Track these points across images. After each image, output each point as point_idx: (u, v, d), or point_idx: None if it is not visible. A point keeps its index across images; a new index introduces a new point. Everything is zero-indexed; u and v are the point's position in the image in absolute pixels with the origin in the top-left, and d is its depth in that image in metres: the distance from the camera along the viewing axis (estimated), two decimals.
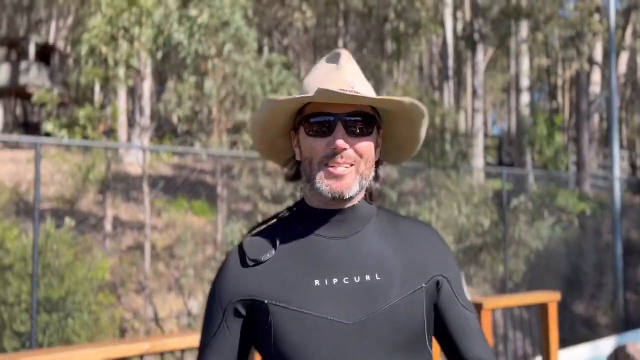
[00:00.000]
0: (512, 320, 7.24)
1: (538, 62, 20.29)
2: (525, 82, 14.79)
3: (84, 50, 7.85)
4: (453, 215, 7.66)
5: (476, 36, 13.60)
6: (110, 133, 10.00)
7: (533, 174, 11.80)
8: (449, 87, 14.92)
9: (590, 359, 7.78)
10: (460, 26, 16.25)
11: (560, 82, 26.23)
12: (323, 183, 1.01)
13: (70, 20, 26.13)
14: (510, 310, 6.71)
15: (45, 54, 22.27)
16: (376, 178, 1.13)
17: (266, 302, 1.00)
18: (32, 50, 21.44)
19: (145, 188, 7.80)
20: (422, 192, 8.34)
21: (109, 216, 9.02)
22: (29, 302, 5.40)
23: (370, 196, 1.14)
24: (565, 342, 7.80)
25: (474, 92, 14.04)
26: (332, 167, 1.00)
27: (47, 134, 9.65)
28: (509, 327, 7.21)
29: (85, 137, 8.57)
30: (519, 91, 15.28)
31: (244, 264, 1.05)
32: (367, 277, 1.01)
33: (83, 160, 10.09)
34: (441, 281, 1.08)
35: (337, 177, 1.00)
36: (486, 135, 17.61)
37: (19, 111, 27.12)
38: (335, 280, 1.00)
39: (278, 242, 1.06)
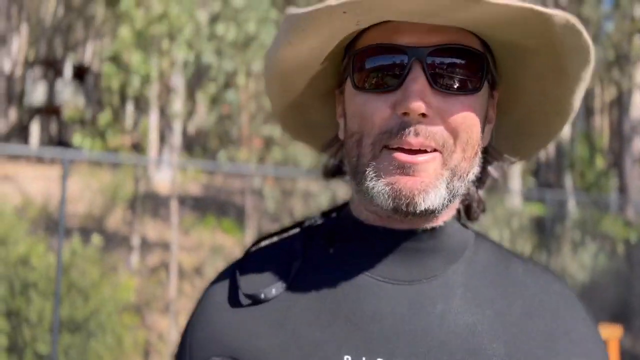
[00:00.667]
0: None
1: None
2: None
3: (106, 54, 7.84)
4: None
5: None
6: (139, 148, 9.99)
7: (574, 197, 11.34)
8: None
9: None
10: None
11: (598, 104, 25.62)
12: (380, 180, 0.56)
13: (105, 42, 26.81)
14: None
15: (80, 74, 22.90)
16: (480, 180, 0.66)
17: None
18: (68, 70, 22.04)
19: (173, 205, 7.66)
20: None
21: (135, 234, 8.92)
22: (51, 321, 5.23)
23: (467, 212, 0.68)
24: None
25: None
26: (397, 150, 0.56)
27: (76, 148, 9.71)
28: None
29: (114, 150, 8.54)
30: None
31: (232, 301, 0.64)
32: None
33: (112, 177, 10.07)
34: None
35: (406, 167, 0.55)
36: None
37: (53, 129, 27.79)
38: None
39: (294, 271, 0.63)
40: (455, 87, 0.55)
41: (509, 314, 0.59)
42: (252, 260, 0.67)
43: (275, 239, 0.70)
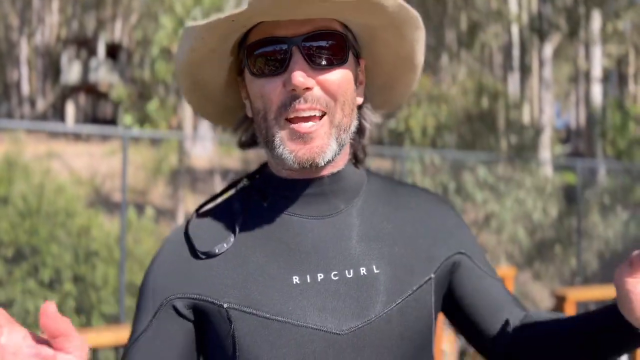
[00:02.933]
0: None
1: (609, 51, 19.41)
2: (597, 71, 14.18)
3: (155, 50, 8.16)
4: (526, 209, 7.49)
5: (545, 25, 13.15)
6: (179, 127, 10.38)
7: (605, 165, 11.34)
8: (514, 78, 14.50)
9: None
10: (525, 15, 15.75)
11: (632, 71, 24.95)
12: (286, 147, 0.72)
13: (134, 18, 27.10)
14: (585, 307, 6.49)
15: (113, 51, 23.27)
16: (360, 130, 0.83)
17: (225, 305, 0.72)
18: (101, 49, 22.44)
19: (216, 179, 8.04)
20: (490, 184, 8.18)
21: (181, 205, 9.37)
22: (115, 285, 5.71)
23: (355, 158, 0.84)
24: None
25: (541, 83, 13.60)
26: (293, 121, 0.71)
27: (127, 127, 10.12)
28: None
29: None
30: (588, 80, 14.67)
31: (190, 255, 0.76)
32: (362, 270, 0.74)
33: (155, 153, 10.50)
34: (458, 260, 0.82)
35: (304, 137, 0.71)
36: (552, 128, 17.05)
37: (88, 108, 28.45)
38: (320, 276, 0.73)
39: (238, 225, 0.76)
40: (327, 62, 0.71)
41: (401, 223, 0.80)
42: (202, 221, 0.79)
43: (219, 200, 0.83)
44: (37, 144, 14.10)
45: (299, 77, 0.68)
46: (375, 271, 0.74)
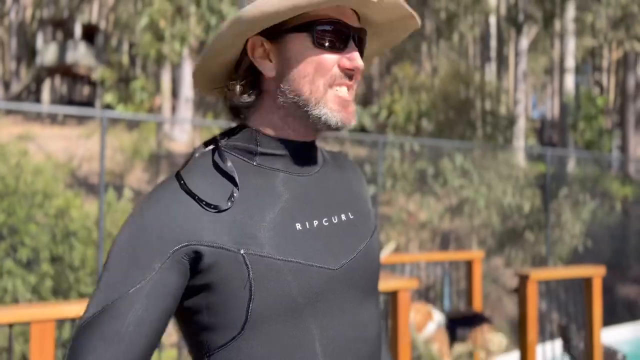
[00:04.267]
0: (550, 299, 7.29)
1: (583, 43, 19.78)
2: (570, 63, 14.50)
3: (143, 22, 8.03)
4: (498, 196, 7.71)
5: (521, 16, 13.37)
6: (161, 110, 10.34)
7: (575, 155, 11.66)
8: (491, 69, 14.74)
9: (632, 338, 7.79)
10: (503, 6, 15.97)
11: (605, 64, 25.46)
12: (332, 110, 0.83)
13: (110, 0, 26.64)
14: (548, 287, 6.76)
15: (89, 33, 22.84)
16: None
17: (242, 252, 0.77)
18: (77, 30, 22.02)
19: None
20: (464, 171, 8.39)
21: None
22: (93, 266, 5.76)
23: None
24: (606, 324, 7.81)
25: (517, 73, 13.86)
26: (340, 89, 0.85)
27: (108, 106, 10.04)
28: (552, 305, 7.27)
29: (145, 111, 8.89)
30: (562, 72, 14.99)
31: (197, 207, 0.78)
32: (343, 216, 0.89)
33: (132, 136, 10.45)
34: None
35: (347, 103, 0.85)
36: (527, 118, 17.40)
37: (64, 90, 27.95)
38: (315, 222, 0.84)
39: (236, 180, 0.82)
40: (361, 52, 0.88)
41: (350, 182, 0.97)
42: (196, 179, 0.81)
43: (201, 160, 0.86)
44: (11, 127, 13.86)
45: (360, 60, 0.84)
46: (351, 217, 0.90)
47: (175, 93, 14.22)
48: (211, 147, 0.88)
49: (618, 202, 11.51)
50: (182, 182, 0.80)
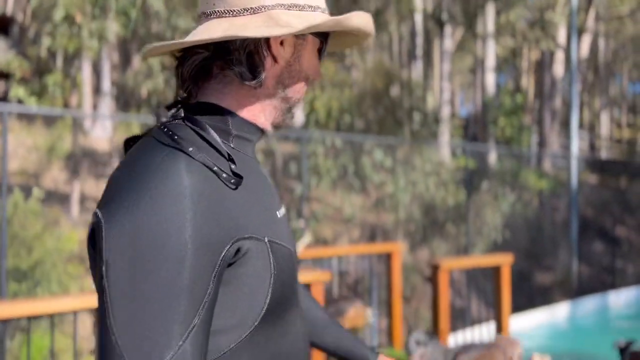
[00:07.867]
0: (471, 287, 7.56)
1: (504, 44, 20.71)
2: (490, 62, 15.14)
3: (58, 15, 7.61)
4: (421, 190, 7.91)
5: (444, 15, 13.80)
6: (78, 106, 9.85)
7: (495, 150, 12.17)
8: (417, 67, 15.13)
9: (546, 322, 8.23)
10: (429, 6, 16.43)
11: (525, 65, 26.82)
12: (299, 106, 0.90)
13: None
14: (469, 276, 7.01)
15: (3, 25, 21.50)
16: None
17: (266, 239, 0.74)
18: None
19: (117, 162, 7.74)
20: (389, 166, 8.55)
21: (75, 188, 8.94)
22: None
23: None
24: (523, 309, 8.21)
25: (442, 72, 14.29)
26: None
27: (19, 101, 9.44)
28: (471, 293, 7.55)
29: (59, 107, 8.43)
30: (484, 71, 15.63)
31: (222, 185, 0.70)
32: (283, 209, 0.87)
33: (49, 134, 9.90)
34: None
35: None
36: (453, 116, 17.99)
37: None
38: (279, 213, 0.83)
39: (235, 160, 0.76)
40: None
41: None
42: (202, 152, 0.71)
43: (188, 131, 0.74)
44: None
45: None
46: (284, 211, 0.88)
47: (97, 89, 13.62)
48: (180, 121, 0.76)
49: (535, 196, 12.13)
50: (190, 154, 0.69)
